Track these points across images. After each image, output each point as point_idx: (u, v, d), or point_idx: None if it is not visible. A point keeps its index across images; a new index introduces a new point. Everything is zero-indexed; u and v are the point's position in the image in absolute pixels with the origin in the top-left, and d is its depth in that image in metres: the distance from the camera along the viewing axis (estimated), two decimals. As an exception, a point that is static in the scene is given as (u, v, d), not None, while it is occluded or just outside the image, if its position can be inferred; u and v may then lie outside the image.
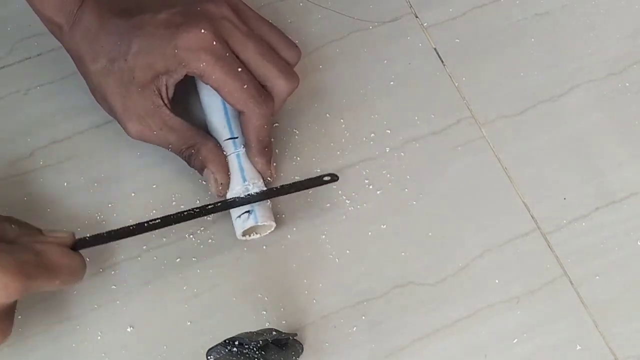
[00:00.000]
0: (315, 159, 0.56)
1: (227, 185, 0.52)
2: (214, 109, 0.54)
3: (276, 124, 0.57)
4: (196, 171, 0.53)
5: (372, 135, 0.58)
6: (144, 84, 0.50)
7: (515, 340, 0.52)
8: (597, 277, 0.54)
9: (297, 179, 0.55)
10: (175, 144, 0.52)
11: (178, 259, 0.53)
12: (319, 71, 0.60)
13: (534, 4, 0.64)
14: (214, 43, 0.49)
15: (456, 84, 0.60)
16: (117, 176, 0.55)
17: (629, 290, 0.54)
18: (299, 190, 0.53)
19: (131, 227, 0.49)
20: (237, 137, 0.53)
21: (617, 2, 0.64)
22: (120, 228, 0.49)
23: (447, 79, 0.60)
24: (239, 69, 0.50)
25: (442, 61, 0.61)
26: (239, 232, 0.52)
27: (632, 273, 0.55)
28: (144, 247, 0.53)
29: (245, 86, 0.50)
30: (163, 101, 0.51)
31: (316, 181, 0.54)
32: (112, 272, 0.52)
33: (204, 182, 0.54)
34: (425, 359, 0.51)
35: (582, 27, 0.63)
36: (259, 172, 0.53)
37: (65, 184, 0.55)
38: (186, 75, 0.51)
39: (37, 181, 0.54)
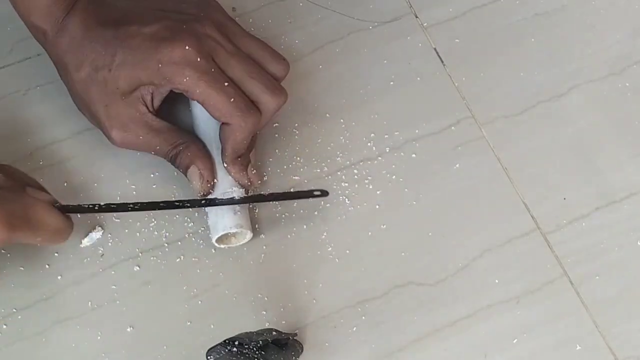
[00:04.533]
0: (315, 159, 0.56)
1: (212, 184, 0.52)
2: (205, 119, 0.54)
3: (276, 124, 0.57)
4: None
5: (372, 135, 0.58)
6: (127, 94, 0.50)
7: (515, 340, 0.52)
8: (597, 277, 0.54)
9: (296, 179, 0.55)
10: (162, 146, 0.52)
11: (178, 259, 0.53)
12: (319, 71, 0.60)
13: (534, 4, 0.64)
14: (198, 59, 0.49)
15: (456, 84, 0.60)
16: (118, 176, 0.55)
17: (629, 290, 0.54)
18: (285, 199, 0.54)
19: (112, 205, 0.50)
20: None
21: (617, 2, 0.64)
22: (105, 204, 0.50)
23: (447, 79, 0.60)
24: (225, 84, 0.50)
25: (442, 61, 0.61)
26: (213, 239, 0.52)
27: (632, 273, 0.55)
28: (144, 247, 0.53)
29: (232, 99, 0.50)
30: (148, 109, 0.51)
31: (305, 194, 0.53)
32: (112, 272, 0.52)
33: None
34: (425, 359, 0.51)
35: (582, 27, 0.63)
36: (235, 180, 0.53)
37: (65, 184, 0.55)
38: (172, 91, 0.51)
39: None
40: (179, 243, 0.53)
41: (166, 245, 0.53)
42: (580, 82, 0.61)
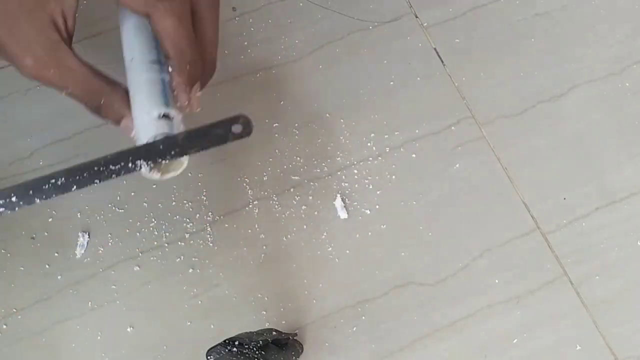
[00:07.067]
0: (315, 159, 0.56)
1: None
2: (140, 29, 0.46)
3: (276, 124, 0.57)
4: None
5: (372, 135, 0.58)
6: (32, 10, 0.43)
7: (515, 340, 0.52)
8: (597, 277, 0.54)
9: (296, 179, 0.55)
10: (75, 90, 0.45)
11: (178, 259, 0.53)
12: (318, 71, 0.60)
13: (534, 4, 0.64)
14: None
15: (456, 84, 0.60)
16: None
17: (629, 290, 0.54)
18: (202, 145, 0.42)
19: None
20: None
21: (617, 2, 0.64)
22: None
23: (447, 79, 0.60)
24: None
25: (442, 61, 0.61)
26: (144, 170, 0.45)
27: (632, 273, 0.55)
28: (144, 247, 0.53)
29: None
30: (61, 35, 0.44)
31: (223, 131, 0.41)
32: (112, 272, 0.52)
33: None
34: (425, 359, 0.51)
35: (582, 27, 0.63)
36: (176, 98, 0.45)
37: (65, 184, 0.55)
38: None
39: (37, 181, 0.54)
40: (179, 243, 0.53)
41: (166, 245, 0.53)
42: (580, 82, 0.61)
